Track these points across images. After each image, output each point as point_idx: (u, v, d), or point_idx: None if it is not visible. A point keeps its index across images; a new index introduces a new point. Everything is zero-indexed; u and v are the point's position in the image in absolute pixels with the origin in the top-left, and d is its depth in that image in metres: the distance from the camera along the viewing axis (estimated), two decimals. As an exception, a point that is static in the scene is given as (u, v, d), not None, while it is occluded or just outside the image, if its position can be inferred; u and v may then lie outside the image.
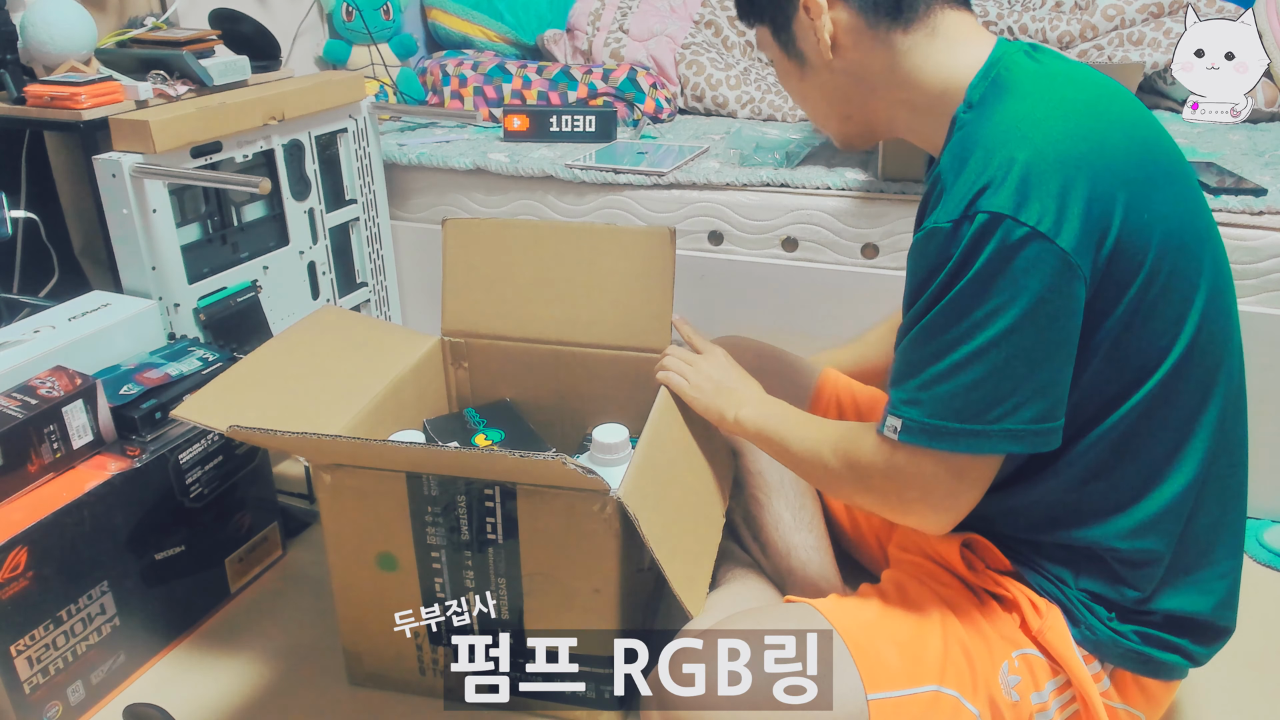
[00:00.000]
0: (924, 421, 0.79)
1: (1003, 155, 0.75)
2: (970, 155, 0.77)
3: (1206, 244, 0.83)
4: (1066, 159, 0.75)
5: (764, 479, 1.21)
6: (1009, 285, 0.74)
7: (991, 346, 0.75)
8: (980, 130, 0.79)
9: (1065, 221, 0.74)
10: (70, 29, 1.43)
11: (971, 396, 0.77)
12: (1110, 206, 0.75)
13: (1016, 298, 0.74)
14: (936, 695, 0.83)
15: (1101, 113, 0.80)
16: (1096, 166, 0.76)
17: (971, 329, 0.76)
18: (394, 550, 1.05)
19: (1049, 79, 0.81)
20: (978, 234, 0.74)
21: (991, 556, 0.91)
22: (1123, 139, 0.79)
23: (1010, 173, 0.74)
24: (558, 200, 1.72)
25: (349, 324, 1.32)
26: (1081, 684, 0.85)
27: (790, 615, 0.90)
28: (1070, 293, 0.75)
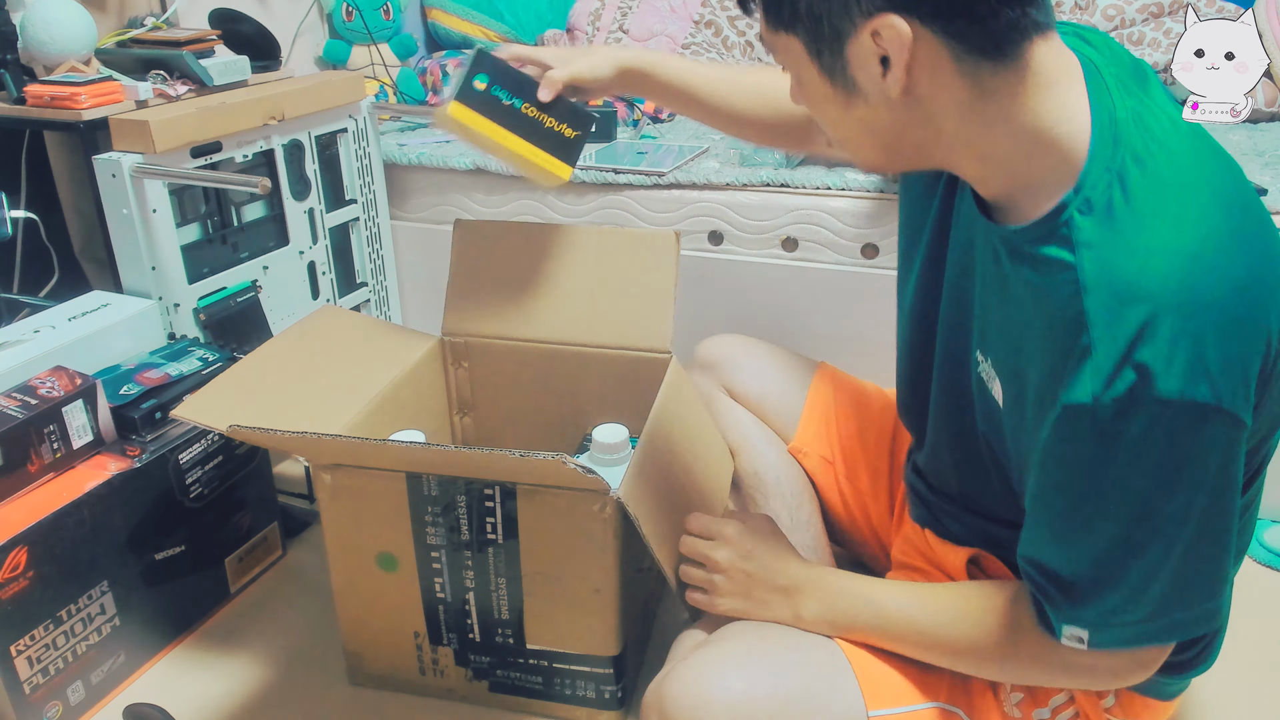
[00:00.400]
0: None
1: (1162, 314, 0.62)
2: (1118, 304, 0.64)
3: None
4: (1236, 316, 0.63)
5: (761, 479, 1.21)
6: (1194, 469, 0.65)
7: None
8: (1124, 266, 0.64)
9: (1240, 388, 0.63)
10: (70, 29, 1.43)
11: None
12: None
13: (1203, 482, 0.66)
14: (938, 712, 0.83)
15: (1247, 228, 0.67)
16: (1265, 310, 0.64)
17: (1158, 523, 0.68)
18: (394, 550, 1.06)
19: (1187, 183, 0.66)
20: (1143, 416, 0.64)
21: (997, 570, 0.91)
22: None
23: (1177, 345, 0.62)
24: (558, 200, 1.72)
25: (349, 324, 1.32)
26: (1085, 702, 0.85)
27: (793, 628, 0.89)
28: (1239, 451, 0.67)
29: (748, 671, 0.83)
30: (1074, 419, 0.66)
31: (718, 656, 0.85)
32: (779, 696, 0.81)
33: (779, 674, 0.83)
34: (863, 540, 1.23)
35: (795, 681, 0.82)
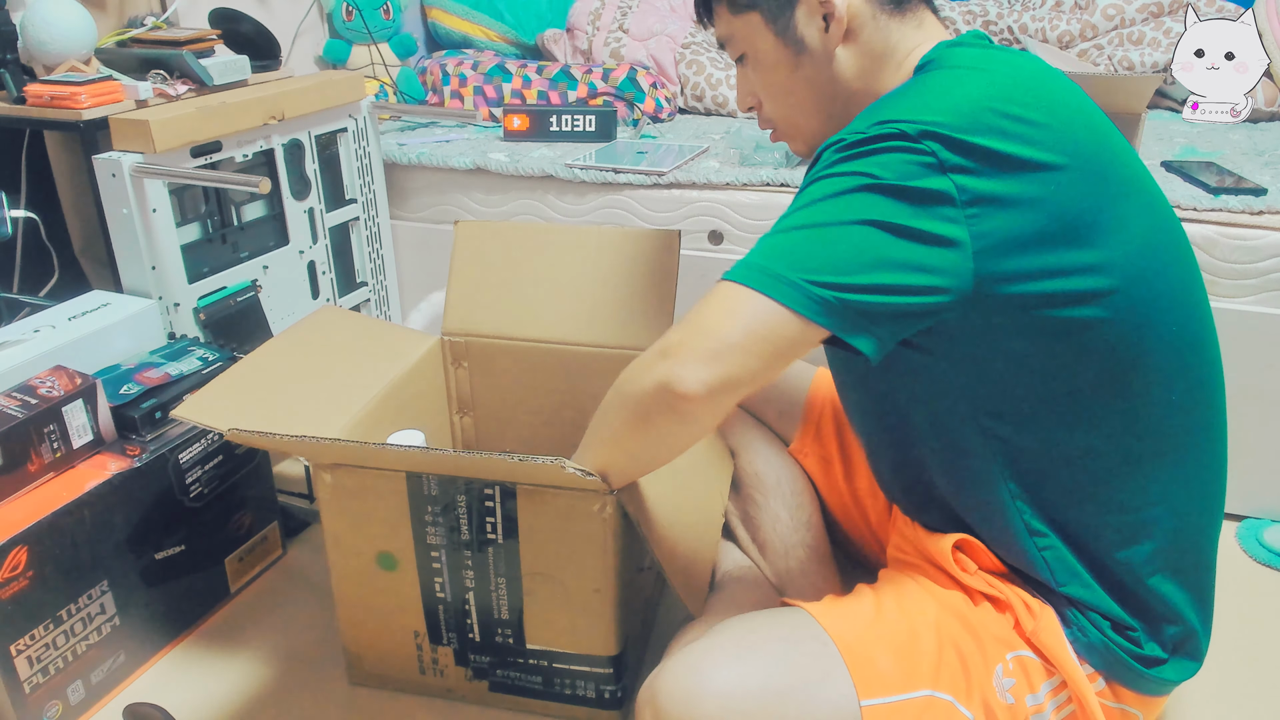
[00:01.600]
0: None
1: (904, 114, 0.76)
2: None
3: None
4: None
5: (761, 479, 1.21)
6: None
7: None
8: (890, 99, 0.80)
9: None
10: (70, 29, 1.43)
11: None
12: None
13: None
14: (930, 700, 0.83)
15: (1025, 90, 0.79)
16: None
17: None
18: (394, 550, 1.06)
19: (990, 57, 0.81)
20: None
21: (982, 557, 0.91)
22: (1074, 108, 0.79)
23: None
24: (558, 200, 1.72)
25: (349, 324, 1.32)
26: (1077, 685, 0.85)
27: (783, 619, 0.89)
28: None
29: (739, 663, 0.83)
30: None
31: (710, 649, 0.85)
32: (771, 687, 0.82)
33: (770, 665, 0.83)
34: (862, 540, 1.23)
35: (787, 672, 0.83)
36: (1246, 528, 1.42)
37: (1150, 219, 0.81)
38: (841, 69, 0.89)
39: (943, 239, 0.74)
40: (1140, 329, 0.80)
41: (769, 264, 0.76)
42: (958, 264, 0.75)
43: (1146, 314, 0.80)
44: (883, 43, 0.88)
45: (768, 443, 1.24)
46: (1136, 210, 0.80)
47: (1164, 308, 0.81)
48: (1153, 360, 0.81)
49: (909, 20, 0.89)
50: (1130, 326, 0.79)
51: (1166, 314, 0.81)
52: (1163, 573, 0.86)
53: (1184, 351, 0.83)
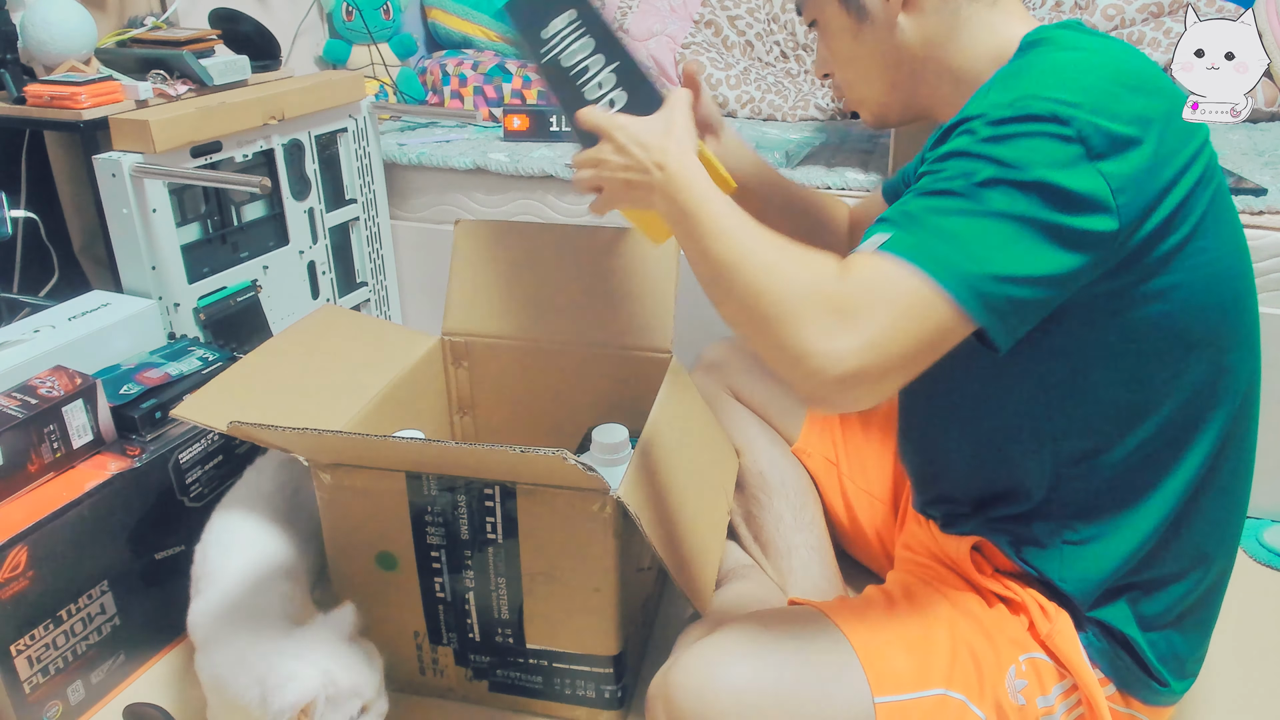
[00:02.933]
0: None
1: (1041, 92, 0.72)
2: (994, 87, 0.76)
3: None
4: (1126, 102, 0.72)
5: (765, 479, 1.21)
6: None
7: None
8: (1016, 74, 0.76)
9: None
10: (70, 29, 1.43)
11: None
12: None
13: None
14: (943, 699, 0.83)
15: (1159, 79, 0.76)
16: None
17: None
18: (394, 550, 1.05)
19: (1103, 41, 0.79)
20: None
21: (1000, 560, 0.91)
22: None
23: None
24: (558, 200, 1.72)
25: (349, 323, 1.32)
26: (1088, 688, 0.85)
27: (797, 617, 0.89)
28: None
29: (754, 659, 0.83)
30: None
31: (723, 645, 0.85)
32: (784, 683, 0.81)
33: (784, 661, 0.83)
34: (865, 541, 1.23)
35: (801, 669, 0.83)
36: (1247, 528, 1.42)
37: (1233, 219, 0.82)
38: (905, 38, 0.86)
39: (1099, 235, 0.71)
40: (1219, 324, 0.80)
41: (948, 252, 0.71)
42: (1110, 253, 0.73)
43: (1224, 312, 0.80)
44: (952, 15, 0.85)
45: (772, 442, 1.24)
46: (1230, 206, 0.81)
47: (1241, 306, 0.82)
48: (1224, 360, 0.81)
49: (987, 5, 0.85)
50: (1211, 322, 0.79)
51: (1240, 313, 0.82)
52: (1173, 578, 0.86)
53: (1247, 352, 0.84)
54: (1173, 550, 0.85)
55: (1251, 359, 0.85)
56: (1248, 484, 0.90)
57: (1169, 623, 0.87)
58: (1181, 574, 0.86)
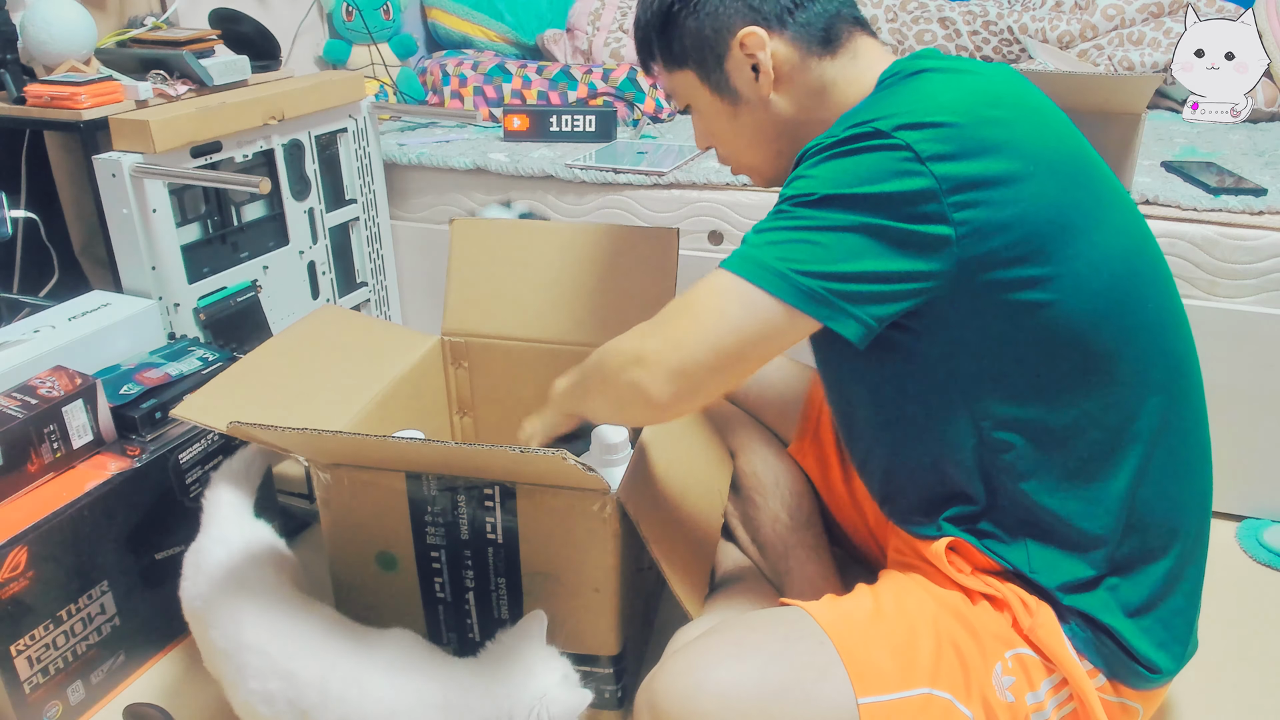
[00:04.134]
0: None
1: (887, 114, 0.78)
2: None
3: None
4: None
5: (760, 480, 1.21)
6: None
7: None
8: (862, 109, 0.82)
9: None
10: (70, 29, 1.44)
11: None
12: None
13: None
14: (928, 698, 0.83)
15: (999, 91, 0.81)
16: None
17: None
18: (394, 550, 1.06)
19: (948, 68, 0.83)
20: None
21: (976, 557, 0.91)
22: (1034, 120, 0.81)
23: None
24: (558, 200, 1.72)
25: (349, 324, 1.32)
26: (1077, 681, 0.85)
27: (781, 618, 0.89)
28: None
29: (737, 661, 0.83)
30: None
31: (708, 648, 0.85)
32: (769, 685, 0.82)
33: (768, 663, 0.83)
34: (861, 540, 1.23)
35: (784, 670, 0.83)
36: (1246, 528, 1.42)
37: (1120, 219, 0.84)
38: (779, 110, 0.93)
39: (927, 236, 0.76)
40: (1118, 309, 0.82)
41: (759, 256, 0.80)
42: (944, 254, 0.77)
43: (1108, 302, 0.82)
44: (817, 81, 0.91)
45: (766, 444, 1.24)
46: (1108, 212, 0.83)
47: (1130, 296, 0.83)
48: (1130, 343, 0.83)
49: (841, 56, 0.91)
50: (1106, 309, 0.81)
51: (1140, 296, 0.84)
52: (1146, 559, 0.87)
53: (1158, 333, 0.86)
54: (1136, 531, 0.86)
55: (1174, 334, 0.87)
56: (1204, 455, 0.91)
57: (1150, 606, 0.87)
58: (1152, 554, 0.87)
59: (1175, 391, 0.87)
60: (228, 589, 0.96)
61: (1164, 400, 0.85)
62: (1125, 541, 0.86)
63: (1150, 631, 0.88)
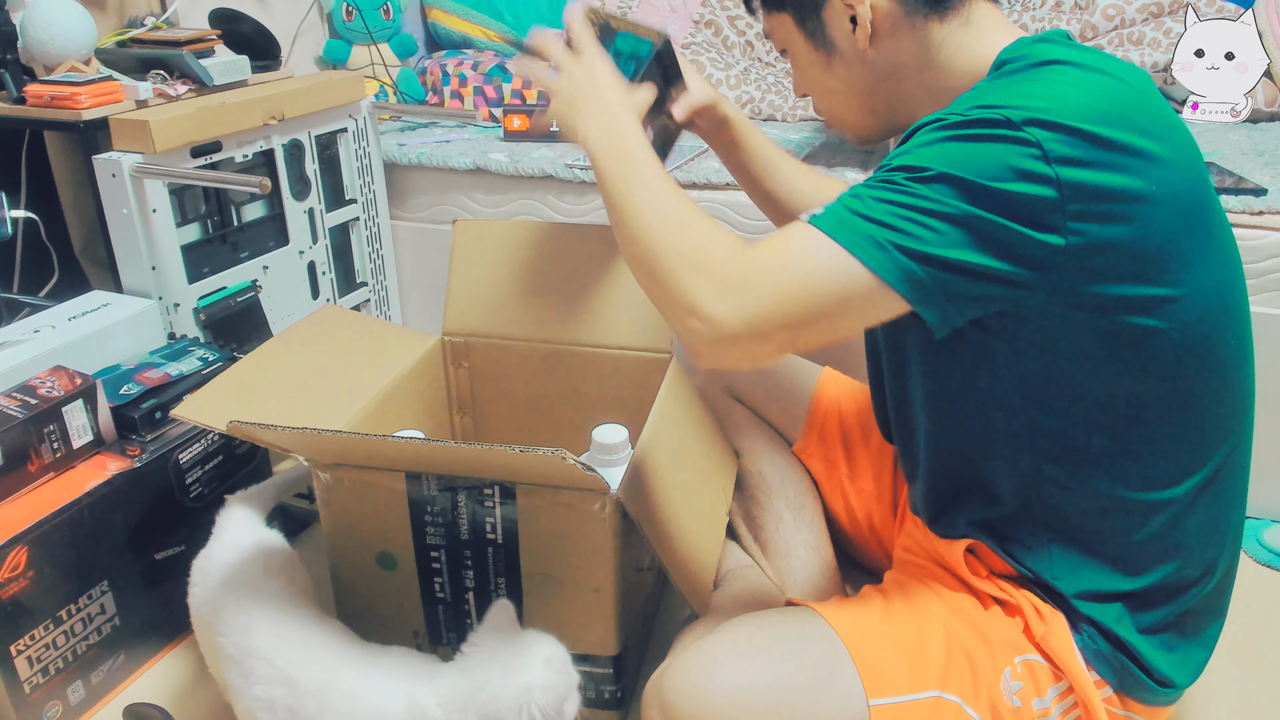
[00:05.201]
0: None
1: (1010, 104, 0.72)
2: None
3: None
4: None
5: (764, 479, 1.21)
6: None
7: None
8: (989, 90, 0.76)
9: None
10: (70, 29, 1.44)
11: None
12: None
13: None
14: (938, 701, 0.83)
15: (1138, 100, 0.75)
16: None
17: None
18: (393, 550, 1.06)
19: (1085, 63, 0.77)
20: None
21: (994, 561, 0.91)
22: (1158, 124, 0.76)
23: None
24: (558, 200, 1.72)
25: (349, 324, 1.32)
26: (1084, 690, 0.84)
27: (792, 619, 0.89)
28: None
29: (748, 660, 0.83)
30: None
31: (718, 646, 0.85)
32: (779, 685, 0.81)
33: (779, 663, 0.83)
34: (864, 541, 1.23)
35: (795, 671, 0.83)
36: (1247, 528, 1.42)
37: (1228, 236, 0.82)
38: (877, 68, 0.88)
39: (1037, 243, 0.72)
40: (1206, 342, 0.79)
41: (857, 222, 0.73)
42: (1050, 263, 0.73)
43: (1213, 328, 0.79)
44: (922, 43, 0.86)
45: (772, 443, 1.24)
46: (1221, 229, 0.80)
47: (1229, 322, 0.81)
48: (1213, 374, 0.81)
49: (953, 20, 0.85)
50: (1197, 339, 0.78)
51: (1229, 328, 0.81)
52: (1178, 583, 0.86)
53: (1236, 368, 0.83)
54: (1173, 557, 0.85)
55: (1246, 371, 0.85)
56: (1246, 486, 0.89)
57: (1172, 625, 0.87)
58: (1185, 578, 0.86)
59: (1241, 431, 0.85)
60: (240, 596, 0.95)
61: (1232, 441, 0.84)
62: (1160, 565, 0.85)
63: (1170, 648, 0.87)
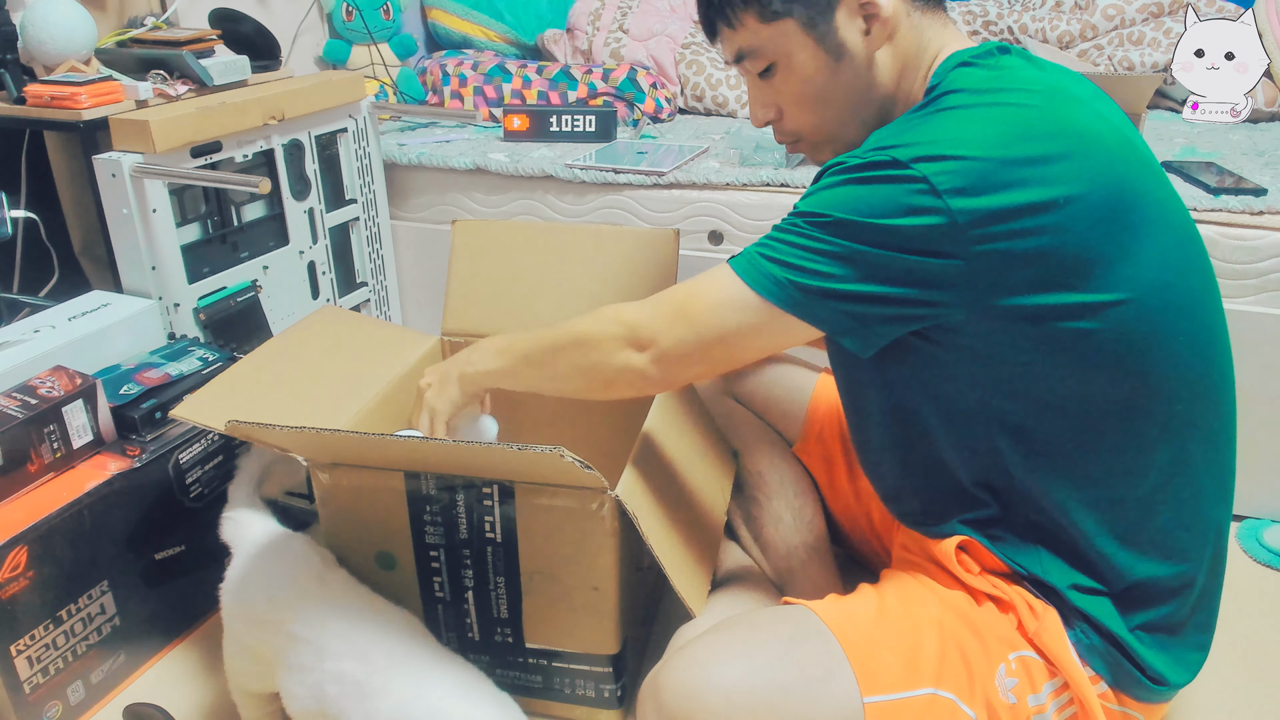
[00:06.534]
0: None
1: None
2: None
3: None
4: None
5: (764, 479, 1.21)
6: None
7: None
8: (887, 134, 0.81)
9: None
10: (70, 29, 1.44)
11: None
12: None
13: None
14: (933, 698, 0.83)
15: (1036, 119, 0.78)
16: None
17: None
18: (393, 549, 1.06)
19: (983, 95, 0.80)
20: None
21: (986, 558, 0.91)
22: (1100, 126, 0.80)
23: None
24: (558, 200, 1.72)
25: (348, 324, 1.32)
26: (1079, 686, 0.85)
27: (787, 617, 0.89)
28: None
29: (743, 659, 0.83)
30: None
31: (714, 645, 0.85)
32: (774, 683, 0.82)
33: (774, 661, 0.83)
34: (864, 540, 1.23)
35: (790, 669, 0.83)
36: (1246, 528, 1.42)
37: (1169, 235, 0.81)
38: (879, 72, 0.87)
39: (935, 267, 0.76)
40: (1148, 341, 0.80)
41: (763, 263, 0.82)
42: (954, 283, 0.77)
43: (1155, 327, 0.79)
44: (916, 42, 0.86)
45: (771, 443, 1.24)
46: (1154, 229, 0.80)
47: (1173, 319, 0.81)
48: (1161, 371, 0.81)
49: (937, 17, 0.87)
50: (1138, 338, 0.79)
51: (1176, 325, 0.81)
52: (1162, 577, 0.86)
53: (1192, 364, 0.83)
54: (1156, 550, 0.85)
55: (1208, 367, 0.85)
56: (1229, 477, 0.90)
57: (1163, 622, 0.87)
58: (1169, 573, 0.86)
59: (1206, 426, 0.85)
60: (308, 585, 0.98)
61: (1195, 436, 0.84)
62: (1138, 564, 0.85)
63: (1162, 646, 0.87)
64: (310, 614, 0.94)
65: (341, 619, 0.94)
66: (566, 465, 0.86)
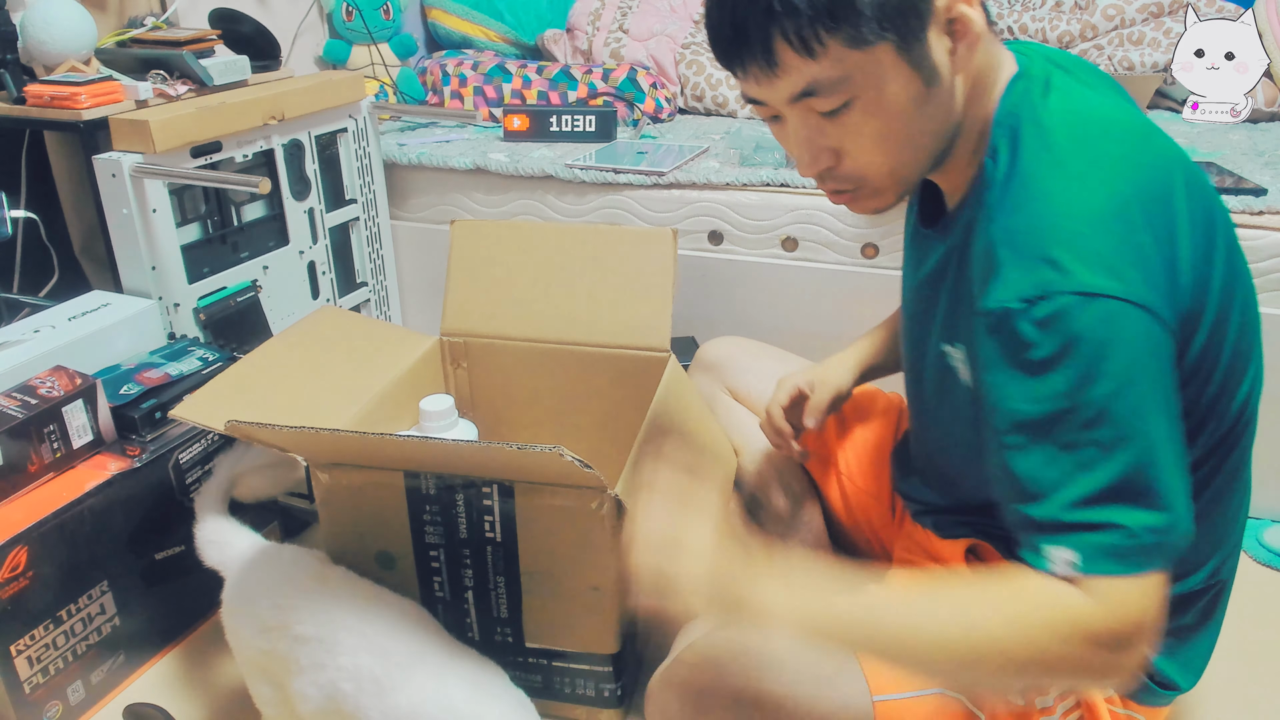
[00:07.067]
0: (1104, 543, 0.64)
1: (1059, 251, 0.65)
2: (1018, 242, 0.67)
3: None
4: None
5: (763, 478, 1.21)
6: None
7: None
8: (1021, 213, 0.69)
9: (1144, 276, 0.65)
10: (70, 29, 1.44)
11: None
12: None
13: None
14: (941, 698, 0.83)
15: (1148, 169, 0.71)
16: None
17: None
18: (392, 549, 1.06)
19: (1085, 137, 0.71)
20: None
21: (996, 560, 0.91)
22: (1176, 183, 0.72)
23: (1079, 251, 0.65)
24: (558, 200, 1.72)
25: (348, 324, 1.32)
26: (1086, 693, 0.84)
27: None
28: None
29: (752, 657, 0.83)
30: (990, 328, 0.67)
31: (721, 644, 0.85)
32: (783, 681, 0.82)
33: (783, 659, 0.83)
34: (864, 541, 1.22)
35: (800, 667, 0.83)
36: (1247, 528, 1.42)
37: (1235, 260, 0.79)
38: (957, 99, 0.74)
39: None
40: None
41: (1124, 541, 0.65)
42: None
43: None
44: (987, 61, 0.75)
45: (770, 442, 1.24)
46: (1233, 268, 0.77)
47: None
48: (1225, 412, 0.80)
49: (997, 37, 0.78)
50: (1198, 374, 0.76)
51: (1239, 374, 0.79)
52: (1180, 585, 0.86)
53: (1238, 376, 0.81)
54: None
55: (1252, 371, 0.83)
56: (1246, 492, 0.89)
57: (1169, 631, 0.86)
58: (1186, 581, 0.85)
59: (1246, 439, 0.84)
60: (310, 584, 0.97)
61: (1230, 447, 0.82)
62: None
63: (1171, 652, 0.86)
64: (315, 611, 0.94)
65: (348, 612, 0.93)
66: (566, 464, 0.86)
